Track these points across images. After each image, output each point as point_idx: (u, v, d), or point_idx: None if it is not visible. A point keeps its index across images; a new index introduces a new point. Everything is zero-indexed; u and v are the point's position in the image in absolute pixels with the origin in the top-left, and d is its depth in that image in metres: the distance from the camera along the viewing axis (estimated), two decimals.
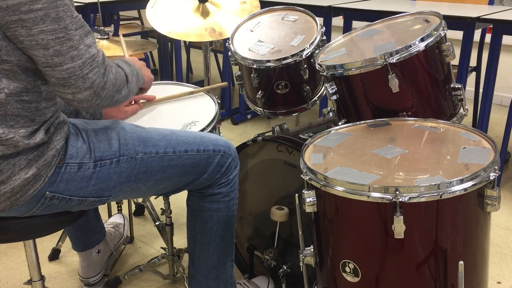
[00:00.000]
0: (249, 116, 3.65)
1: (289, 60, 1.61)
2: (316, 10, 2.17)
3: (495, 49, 2.42)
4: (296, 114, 1.75)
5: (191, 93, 1.78)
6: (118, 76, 1.21)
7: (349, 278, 1.12)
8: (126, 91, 1.26)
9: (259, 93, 1.70)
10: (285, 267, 1.68)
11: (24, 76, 1.13)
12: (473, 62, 2.73)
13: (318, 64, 1.46)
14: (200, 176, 1.43)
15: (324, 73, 1.44)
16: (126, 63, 1.30)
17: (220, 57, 3.90)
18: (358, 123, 1.37)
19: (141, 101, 1.68)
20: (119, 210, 2.18)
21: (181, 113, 1.66)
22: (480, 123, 2.56)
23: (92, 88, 1.13)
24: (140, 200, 2.36)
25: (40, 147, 1.18)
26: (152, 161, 1.34)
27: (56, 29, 1.07)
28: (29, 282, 1.45)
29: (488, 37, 2.57)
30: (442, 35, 1.38)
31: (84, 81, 1.11)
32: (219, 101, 1.71)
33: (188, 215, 1.55)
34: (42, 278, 1.45)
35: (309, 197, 1.13)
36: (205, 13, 2.05)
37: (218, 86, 1.88)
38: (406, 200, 1.00)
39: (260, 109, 1.76)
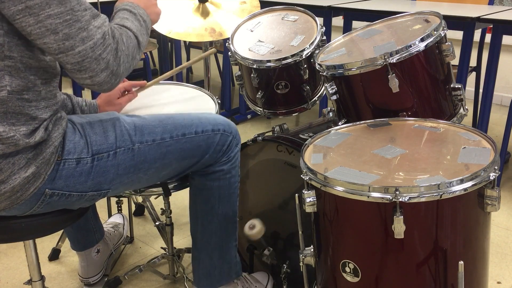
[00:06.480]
0: (249, 116, 3.65)
1: (289, 60, 1.61)
2: (316, 10, 2.17)
3: (495, 49, 2.42)
4: (296, 114, 1.75)
5: (181, 69, 1.82)
6: (129, 44, 1.19)
7: (349, 278, 1.12)
8: (140, 53, 1.25)
9: (259, 93, 1.70)
10: (285, 267, 1.68)
11: (26, 74, 1.13)
12: (473, 62, 2.73)
13: (318, 64, 1.46)
14: (202, 157, 1.42)
15: (324, 73, 1.44)
16: (132, 14, 1.26)
17: (220, 57, 3.90)
18: (358, 123, 1.37)
19: (134, 89, 1.68)
20: (119, 210, 2.18)
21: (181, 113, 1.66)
22: (480, 123, 2.56)
23: (108, 69, 1.12)
24: (140, 200, 2.36)
25: (39, 145, 1.18)
26: (150, 149, 1.33)
27: (63, 12, 1.06)
28: (29, 282, 1.45)
29: (488, 37, 2.57)
30: (442, 35, 1.38)
31: (98, 62, 1.10)
32: (219, 101, 1.71)
33: (190, 193, 1.54)
34: (42, 278, 1.45)
35: (309, 197, 1.13)
36: (205, 13, 2.05)
37: (209, 53, 1.90)
38: (406, 200, 1.00)
39: (260, 109, 1.76)
